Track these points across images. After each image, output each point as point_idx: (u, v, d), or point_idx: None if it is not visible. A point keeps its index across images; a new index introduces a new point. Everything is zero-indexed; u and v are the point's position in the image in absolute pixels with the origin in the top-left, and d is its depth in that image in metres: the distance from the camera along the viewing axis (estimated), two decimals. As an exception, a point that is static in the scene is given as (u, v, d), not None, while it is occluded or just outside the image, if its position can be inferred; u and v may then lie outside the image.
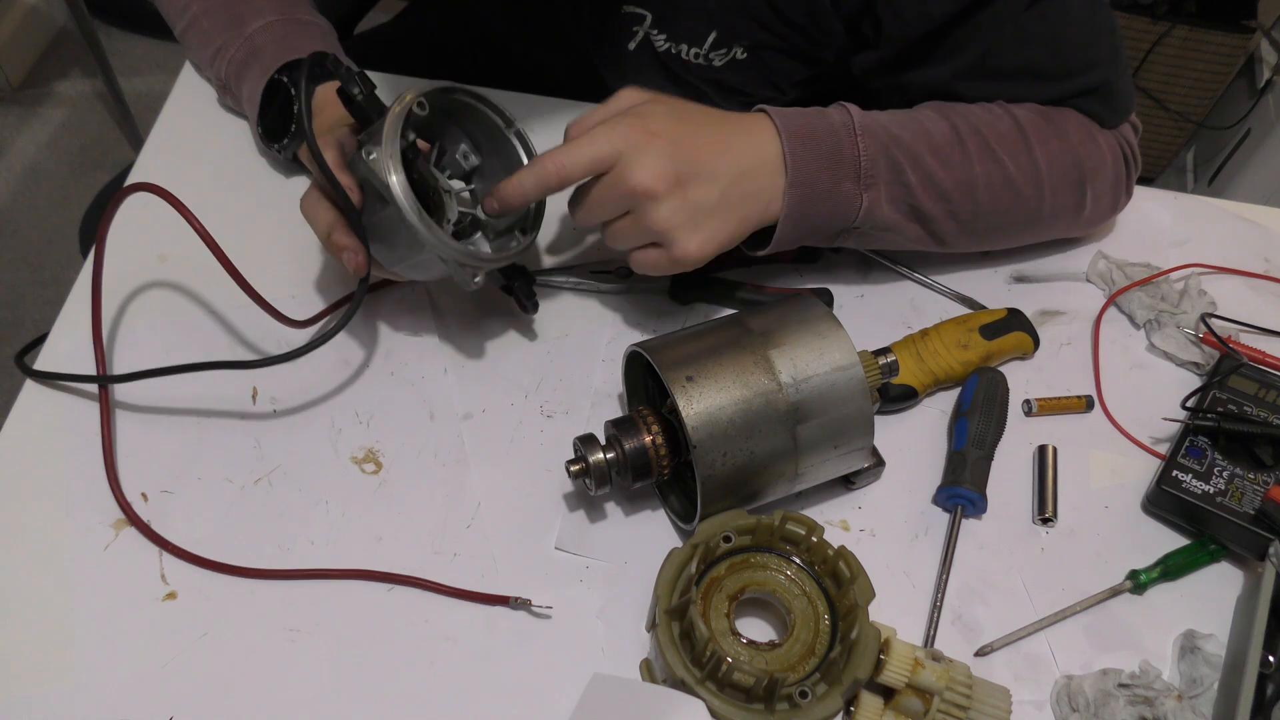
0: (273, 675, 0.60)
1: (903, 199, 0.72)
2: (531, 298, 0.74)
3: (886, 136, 0.71)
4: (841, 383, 0.61)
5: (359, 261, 0.66)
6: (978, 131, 0.73)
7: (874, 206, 0.71)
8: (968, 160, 0.73)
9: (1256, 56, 1.85)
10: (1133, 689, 0.61)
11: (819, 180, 0.69)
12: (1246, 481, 0.68)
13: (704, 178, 0.65)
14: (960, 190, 0.73)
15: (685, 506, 0.67)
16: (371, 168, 0.62)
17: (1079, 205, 0.78)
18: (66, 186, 2.01)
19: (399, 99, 0.64)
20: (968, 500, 0.68)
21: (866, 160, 0.70)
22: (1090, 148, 0.77)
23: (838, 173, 0.69)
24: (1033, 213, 0.77)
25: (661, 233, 0.65)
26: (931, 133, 0.72)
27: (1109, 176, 0.78)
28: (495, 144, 0.71)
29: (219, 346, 0.73)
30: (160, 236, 0.76)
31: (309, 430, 0.70)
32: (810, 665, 0.59)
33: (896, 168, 0.71)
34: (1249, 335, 0.78)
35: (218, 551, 0.64)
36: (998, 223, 0.76)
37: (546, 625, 0.63)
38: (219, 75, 0.81)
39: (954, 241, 0.77)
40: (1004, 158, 0.73)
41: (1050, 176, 0.75)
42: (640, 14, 0.81)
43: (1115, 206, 0.82)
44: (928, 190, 0.72)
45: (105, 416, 0.67)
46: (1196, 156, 2.01)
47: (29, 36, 2.18)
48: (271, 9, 0.79)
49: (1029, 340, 0.76)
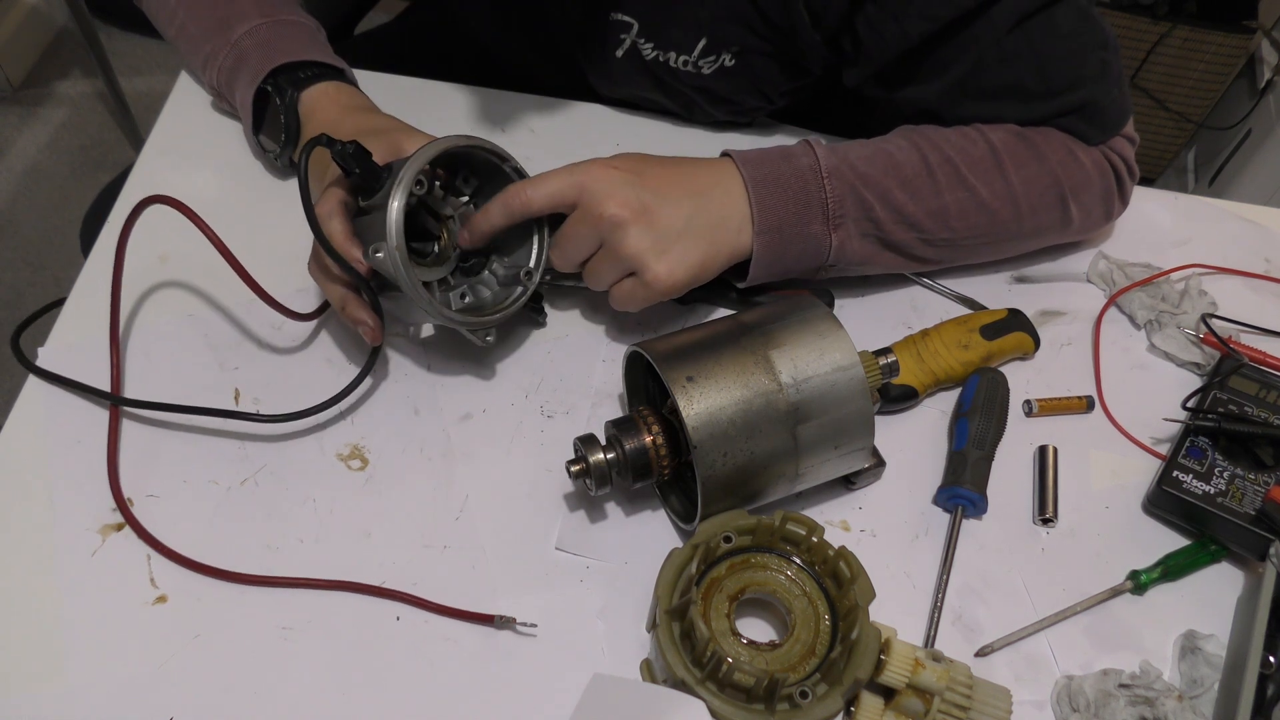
0: (269, 674, 0.60)
1: (872, 234, 0.73)
2: (541, 312, 0.76)
3: (853, 175, 0.71)
4: (842, 383, 0.61)
5: (374, 337, 0.68)
6: (948, 160, 0.74)
7: (844, 244, 0.72)
8: (937, 190, 0.73)
9: (1257, 57, 1.85)
10: (1133, 689, 0.61)
11: (787, 225, 0.70)
12: (1247, 482, 0.68)
13: (669, 203, 0.67)
14: (931, 219, 0.74)
15: (685, 507, 0.66)
16: (380, 265, 0.64)
17: (1063, 220, 0.78)
18: (67, 186, 2.01)
19: (397, 181, 0.63)
20: (968, 500, 0.68)
21: (834, 202, 0.71)
22: (1071, 166, 0.76)
23: (805, 216, 0.71)
24: (1012, 232, 0.77)
25: (631, 258, 0.67)
26: (901, 165, 0.73)
27: (1096, 191, 0.78)
28: (492, 174, 0.70)
29: (221, 347, 0.73)
30: (160, 237, 0.76)
31: (294, 429, 0.70)
32: (811, 665, 0.59)
33: (864, 205, 0.72)
34: (1249, 335, 0.78)
35: (206, 553, 0.64)
36: (976, 244, 0.77)
37: (546, 626, 0.63)
38: (212, 83, 0.81)
39: (936, 261, 0.78)
40: (976, 184, 0.74)
41: (1027, 198, 0.75)
42: (627, 22, 0.81)
43: (1108, 216, 0.82)
44: (898, 223, 0.73)
45: (113, 434, 0.67)
46: (1197, 157, 2.01)
47: (29, 36, 2.18)
48: (256, 11, 0.79)
49: (1029, 341, 0.76)
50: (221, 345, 0.73)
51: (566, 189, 0.66)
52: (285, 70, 0.76)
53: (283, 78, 0.76)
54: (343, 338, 0.74)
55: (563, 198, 0.67)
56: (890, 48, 0.74)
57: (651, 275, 0.67)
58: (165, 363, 0.72)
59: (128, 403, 0.68)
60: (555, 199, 0.67)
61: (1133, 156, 0.80)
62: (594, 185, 0.66)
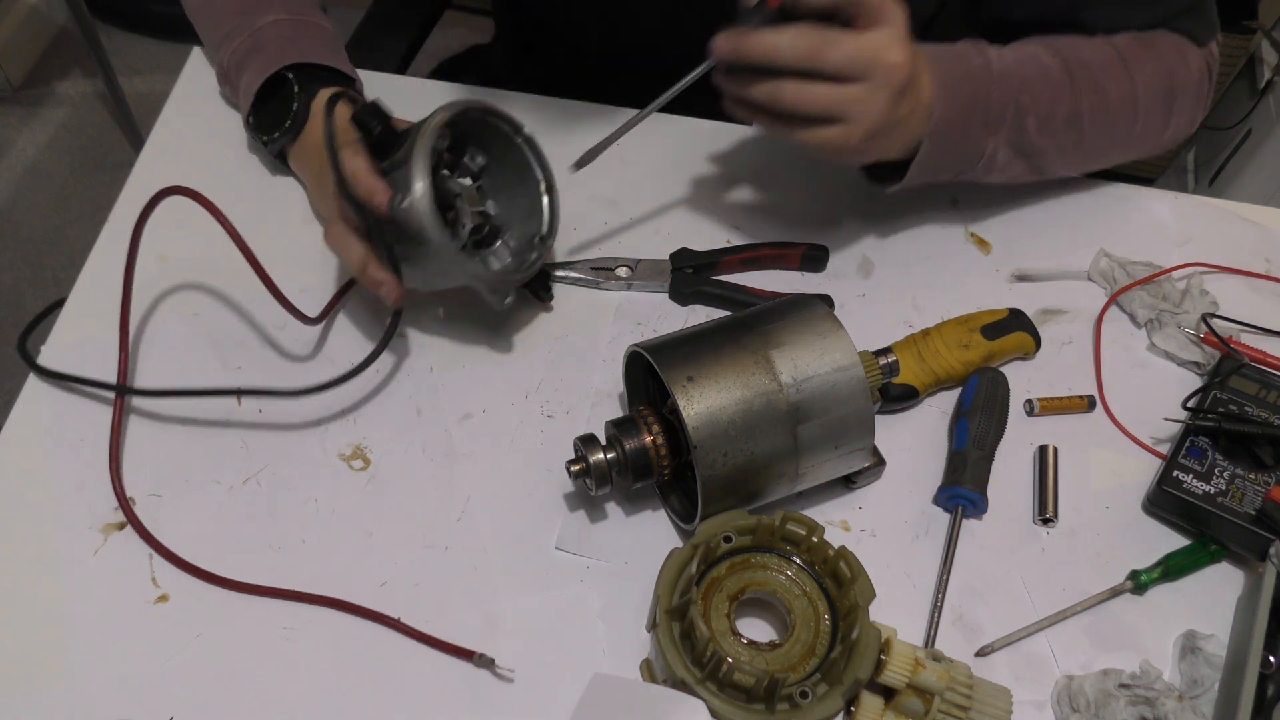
0: (270, 674, 0.60)
1: (1017, 140, 0.75)
2: (547, 290, 0.76)
3: (1016, 81, 0.73)
4: (842, 383, 0.61)
5: (396, 296, 0.67)
6: (1084, 64, 0.76)
7: (995, 151, 0.74)
8: (1076, 94, 0.75)
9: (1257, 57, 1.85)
10: (1133, 689, 0.61)
11: (954, 127, 0.71)
12: (1247, 482, 0.68)
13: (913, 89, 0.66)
14: (1067, 124, 0.76)
15: (686, 506, 0.67)
16: (406, 214, 0.63)
17: (1164, 124, 0.81)
18: (67, 186, 2.01)
19: (420, 135, 0.64)
20: (968, 500, 0.68)
21: (997, 107, 0.72)
22: (1180, 68, 0.79)
23: (971, 119, 0.72)
24: (1126, 135, 0.80)
25: (857, 116, 0.64)
26: (1049, 69, 0.75)
27: (1193, 93, 0.81)
28: (503, 149, 0.72)
29: (223, 346, 0.73)
30: (161, 236, 0.76)
31: (296, 428, 0.70)
32: (811, 665, 0.59)
33: (1020, 111, 0.73)
34: (1250, 335, 0.78)
35: (209, 553, 0.64)
36: (1093, 148, 0.79)
37: (546, 626, 0.63)
38: (221, 63, 0.81)
39: (1051, 172, 0.81)
40: (1107, 86, 0.76)
41: (1145, 99, 0.78)
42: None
43: (1193, 123, 0.84)
44: (1041, 129, 0.75)
45: (117, 425, 0.67)
46: (1197, 157, 2.01)
47: (30, 36, 2.18)
48: (282, 5, 0.79)
49: (1030, 340, 0.76)
50: (224, 344, 0.73)
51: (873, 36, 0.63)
52: (302, 68, 0.77)
53: (303, 73, 0.77)
54: (345, 337, 0.74)
55: (860, 55, 0.63)
56: None
57: (853, 133, 0.65)
58: (169, 362, 0.72)
59: (135, 392, 0.68)
60: (853, 57, 0.63)
61: (1218, 57, 0.84)
62: (895, 32, 0.63)
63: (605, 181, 0.83)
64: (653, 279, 0.78)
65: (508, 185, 0.74)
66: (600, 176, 0.82)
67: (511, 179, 0.73)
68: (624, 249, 0.80)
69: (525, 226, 0.74)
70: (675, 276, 0.78)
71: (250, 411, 0.70)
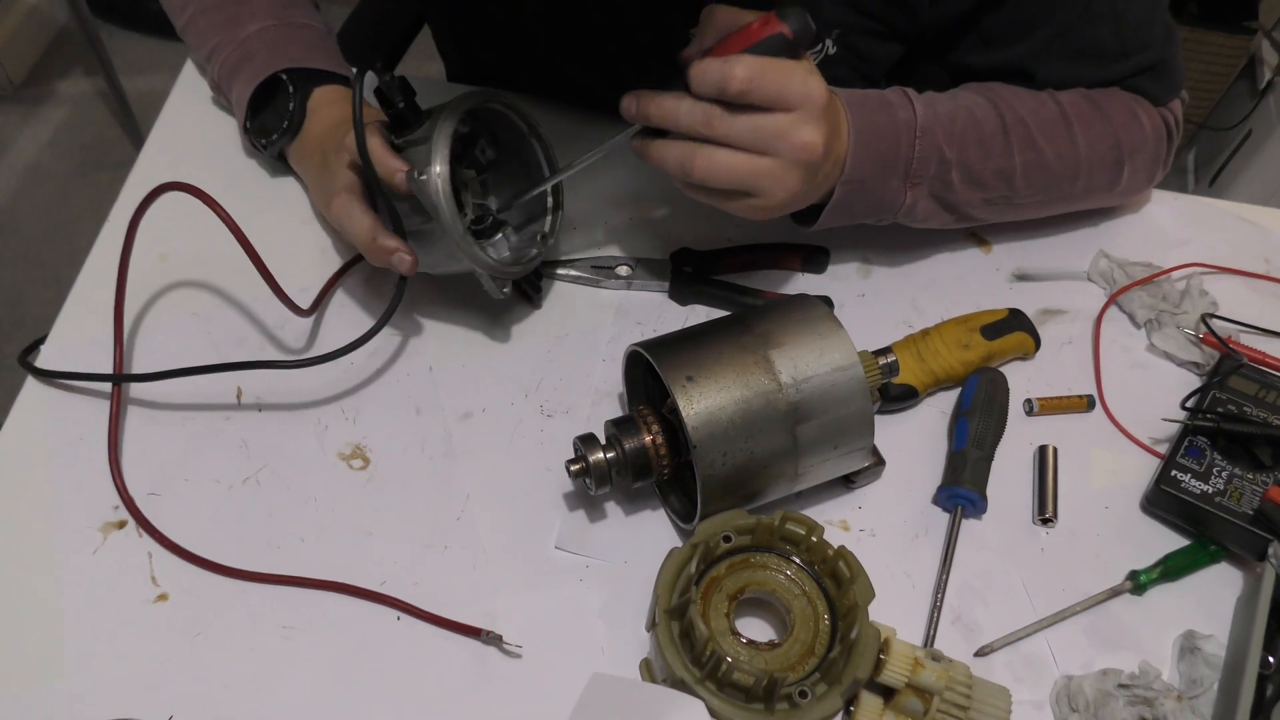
0: (270, 672, 0.60)
1: (941, 193, 0.74)
2: (538, 291, 0.76)
3: (941, 134, 0.72)
4: (842, 383, 0.61)
5: (410, 260, 0.67)
6: (1021, 120, 0.75)
7: (914, 203, 0.73)
8: (1009, 150, 0.74)
9: (1257, 58, 1.85)
10: (1132, 689, 0.61)
11: (871, 177, 0.70)
12: (1245, 482, 0.68)
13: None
14: (997, 179, 0.75)
15: (685, 506, 0.67)
16: (422, 188, 0.63)
17: (1114, 182, 0.80)
18: (68, 185, 2.01)
19: (443, 115, 0.65)
20: (968, 500, 0.68)
21: (919, 161, 0.71)
22: (1132, 128, 0.78)
23: (889, 170, 0.71)
24: (1065, 193, 0.79)
25: (769, 190, 0.63)
26: (981, 123, 0.74)
27: (1148, 154, 0.80)
28: (516, 145, 0.73)
29: (222, 345, 0.73)
30: (161, 236, 0.76)
31: (295, 428, 0.70)
32: (810, 665, 0.59)
33: (944, 165, 0.72)
34: (1249, 336, 0.78)
35: (208, 551, 0.64)
36: (1029, 203, 0.78)
37: (546, 625, 0.63)
38: (213, 76, 0.82)
39: (984, 221, 0.79)
40: (1043, 145, 0.75)
41: (1089, 160, 0.77)
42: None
43: (1151, 180, 0.83)
44: (966, 183, 0.74)
45: (115, 415, 0.67)
46: (1197, 157, 2.01)
47: (31, 35, 2.18)
48: (267, 13, 0.79)
49: (1030, 341, 0.76)
50: (223, 343, 0.73)
51: (795, 89, 0.60)
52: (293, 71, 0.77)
53: (296, 73, 0.77)
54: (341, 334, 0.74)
55: (781, 98, 0.60)
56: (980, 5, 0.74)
57: (767, 205, 0.64)
58: (168, 361, 0.72)
59: (130, 378, 0.68)
60: (779, 96, 0.60)
61: (1181, 115, 0.82)
62: (809, 105, 0.60)
63: (606, 181, 0.83)
64: (653, 279, 0.78)
65: (514, 180, 0.74)
66: (601, 176, 0.82)
67: (519, 175, 0.73)
68: (624, 249, 0.80)
69: (528, 223, 0.75)
70: (675, 276, 0.78)
71: (250, 411, 0.70)
